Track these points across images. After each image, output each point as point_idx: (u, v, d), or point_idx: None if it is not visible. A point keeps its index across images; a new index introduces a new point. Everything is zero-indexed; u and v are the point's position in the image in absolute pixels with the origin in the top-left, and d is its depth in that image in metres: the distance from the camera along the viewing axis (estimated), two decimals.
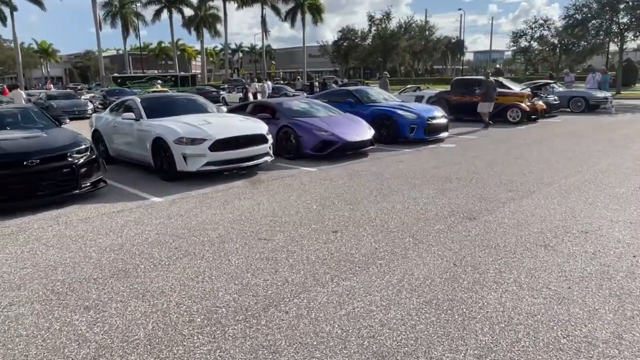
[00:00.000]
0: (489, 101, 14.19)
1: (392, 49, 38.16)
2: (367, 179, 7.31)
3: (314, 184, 7.11)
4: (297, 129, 9.10)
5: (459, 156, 9.20)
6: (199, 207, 5.91)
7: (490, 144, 10.83)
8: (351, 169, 8.20)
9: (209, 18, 64.56)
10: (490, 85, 14.33)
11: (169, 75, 48.96)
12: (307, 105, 10.48)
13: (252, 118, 8.49)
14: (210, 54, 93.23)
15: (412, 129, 10.77)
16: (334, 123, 9.43)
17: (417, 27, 46.05)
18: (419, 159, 8.99)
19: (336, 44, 47.19)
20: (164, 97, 9.23)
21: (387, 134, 11.04)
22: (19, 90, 22.90)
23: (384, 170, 8.02)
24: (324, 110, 10.33)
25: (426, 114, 11.08)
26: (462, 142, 11.13)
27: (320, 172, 7.95)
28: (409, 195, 6.24)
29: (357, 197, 6.22)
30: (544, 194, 6.20)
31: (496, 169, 7.82)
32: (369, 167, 8.33)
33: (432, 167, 8.13)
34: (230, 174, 7.75)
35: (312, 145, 8.93)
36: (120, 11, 58.72)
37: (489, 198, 6.02)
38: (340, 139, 8.96)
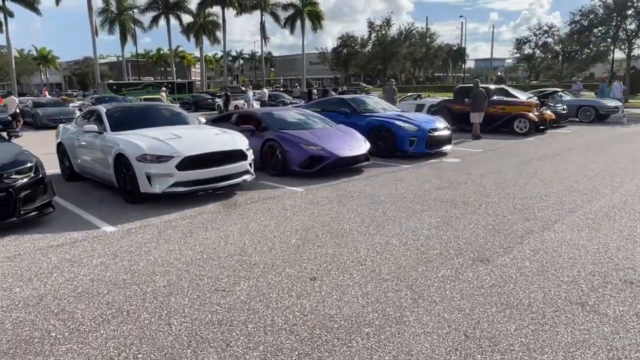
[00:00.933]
0: (479, 111, 13.43)
1: (392, 55, 37.32)
2: (359, 203, 6.33)
3: (298, 208, 6.13)
4: (283, 142, 8.14)
5: (465, 174, 8.22)
6: (155, 240, 4.93)
7: (499, 158, 9.85)
8: (343, 189, 7.22)
9: (209, 25, 63.97)
10: (479, 94, 13.52)
11: (165, 82, 48.16)
12: (296, 116, 9.52)
13: (231, 131, 7.53)
14: (209, 61, 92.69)
15: (412, 141, 9.81)
16: (325, 136, 8.47)
17: (417, 34, 45.28)
18: (419, 177, 8.01)
19: (335, 50, 46.44)
20: (133, 107, 8.30)
21: (385, 147, 10.08)
22: (13, 97, 22.11)
23: (379, 191, 7.04)
24: (315, 121, 9.37)
25: (427, 125, 10.11)
26: (467, 157, 10.16)
27: (306, 193, 6.98)
28: (407, 226, 5.25)
29: (345, 228, 5.23)
30: (568, 224, 5.21)
31: (508, 191, 6.83)
32: (363, 186, 7.36)
33: (435, 188, 7.15)
34: (205, 195, 6.78)
35: (300, 162, 7.96)
36: (119, 18, 58.16)
37: (503, 230, 5.03)
38: (331, 155, 8.00)
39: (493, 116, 14.45)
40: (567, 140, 12.78)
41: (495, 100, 14.67)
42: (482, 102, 13.53)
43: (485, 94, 13.71)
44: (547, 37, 35.13)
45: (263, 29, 59.26)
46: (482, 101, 13.55)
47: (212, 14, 62.20)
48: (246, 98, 26.24)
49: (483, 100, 13.57)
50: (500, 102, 14.58)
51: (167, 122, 7.75)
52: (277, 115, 9.24)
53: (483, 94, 13.69)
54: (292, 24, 55.60)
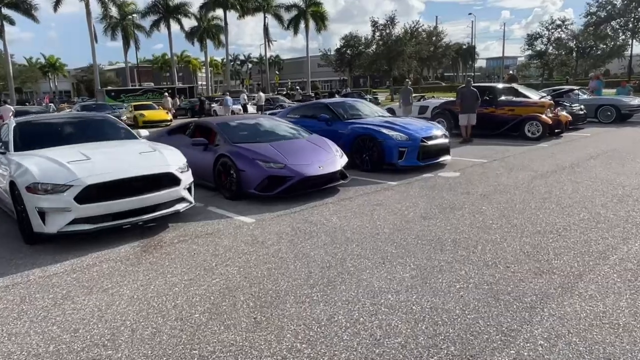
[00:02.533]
0: (467, 112, 12.32)
1: (397, 55, 35.67)
2: (316, 243, 4.81)
3: (233, 252, 4.64)
4: (237, 159, 6.65)
5: (462, 194, 6.64)
6: (9, 310, 3.48)
7: (506, 171, 8.24)
8: (304, 219, 5.71)
9: (213, 29, 63.10)
10: (469, 94, 12.37)
11: (166, 88, 47.13)
12: (260, 126, 8.03)
13: (166, 148, 6.07)
14: (216, 65, 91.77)
15: (402, 153, 8.25)
16: (290, 150, 6.96)
17: (424, 33, 43.55)
18: (404, 200, 6.46)
19: (339, 51, 44.88)
20: (52, 119, 6.88)
21: (370, 160, 8.54)
22: (7, 106, 21.16)
23: (349, 222, 5.51)
24: (284, 132, 7.88)
25: (420, 133, 8.54)
26: (468, 169, 8.56)
27: (255, 227, 5.47)
28: (369, 286, 3.72)
29: (281, 289, 3.72)
30: (599, 281, 3.63)
31: (515, 221, 5.25)
32: (330, 215, 5.83)
33: (421, 217, 5.59)
34: (128, 230, 5.31)
35: (257, 183, 6.47)
36: (121, 23, 57.48)
37: (503, 294, 3.48)
38: (295, 174, 6.49)
39: (501, 119, 12.83)
40: (587, 145, 11.09)
41: (503, 101, 13.03)
42: (472, 103, 12.31)
43: (477, 95, 12.37)
44: (560, 32, 33.16)
45: (266, 32, 58.10)
46: (471, 102, 12.30)
47: (216, 17, 61.29)
48: (224, 102, 24.72)
49: (473, 101, 12.32)
50: (509, 103, 12.93)
51: (92, 137, 6.31)
52: (234, 126, 7.75)
53: (474, 94, 12.36)
54: (295, 26, 54.26)
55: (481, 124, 13.00)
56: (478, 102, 12.30)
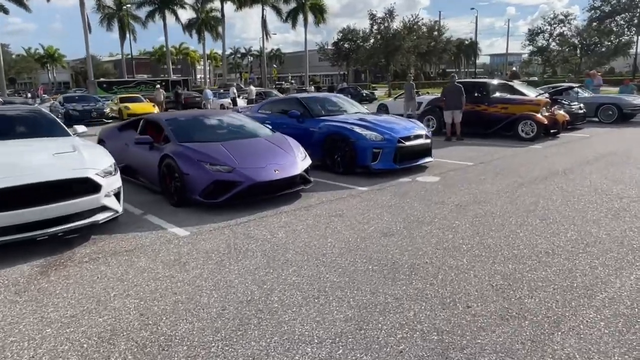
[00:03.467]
0: (451, 109, 11.76)
1: (395, 50, 34.70)
2: (247, 267, 4.02)
3: (145, 277, 3.84)
4: (180, 161, 5.84)
5: (436, 205, 5.83)
6: None
7: (491, 177, 7.42)
8: (246, 232, 4.91)
9: (211, 21, 62.17)
10: (453, 90, 11.80)
11: (159, 80, 46.24)
12: (214, 122, 7.22)
13: (93, 147, 5.28)
14: (215, 58, 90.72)
15: (376, 154, 7.43)
16: (243, 151, 6.15)
17: (425, 27, 42.54)
18: (368, 211, 5.65)
19: (336, 45, 43.84)
20: None
21: (342, 161, 7.73)
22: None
23: (297, 237, 4.71)
24: (240, 129, 7.08)
25: (398, 133, 7.71)
26: (449, 173, 7.75)
27: (185, 242, 4.68)
28: (287, 337, 2.92)
29: (174, 337, 2.93)
30: (581, 333, 2.83)
31: (489, 242, 4.44)
32: (277, 229, 5.03)
33: (380, 234, 4.79)
34: (40, 243, 4.52)
35: (202, 188, 5.66)
36: (117, 14, 56.56)
37: (459, 347, 2.68)
38: (246, 178, 5.68)
39: (493, 117, 12.00)
40: (584, 147, 10.25)
41: (496, 98, 12.18)
42: (457, 100, 11.64)
43: (462, 90, 11.68)
44: (563, 27, 32.14)
45: (264, 24, 56.92)
46: (456, 98, 11.64)
47: (215, 9, 60.32)
48: (203, 96, 24.04)
49: (458, 97, 11.65)
50: (502, 101, 12.08)
51: (12, 133, 5.52)
52: (184, 122, 6.94)
53: (458, 90, 11.71)
54: (294, 18, 53.21)
55: (472, 122, 12.19)
56: (463, 97, 11.53)
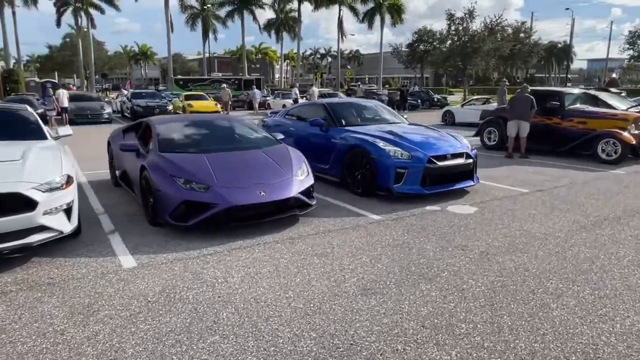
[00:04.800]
0: (516, 119, 10.08)
1: (473, 52, 32.27)
2: (157, 330, 3.08)
3: (29, 328, 3.05)
4: (154, 174, 5.08)
5: (455, 249, 4.53)
6: None
7: (544, 213, 5.90)
8: (197, 271, 3.99)
9: (289, 21, 62.89)
10: (522, 100, 10.08)
11: (233, 79, 47.33)
12: (208, 128, 6.39)
13: (52, 154, 4.65)
14: (292, 58, 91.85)
15: (400, 175, 6.20)
16: (229, 165, 5.26)
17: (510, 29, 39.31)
18: (364, 252, 4.50)
19: (411, 46, 41.90)
20: None
21: (362, 180, 6.59)
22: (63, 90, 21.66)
23: (249, 287, 3.71)
24: (237, 138, 6.22)
25: (429, 150, 6.40)
26: (492, 204, 6.31)
27: (121, 279, 3.84)
28: None
29: None
30: None
31: (504, 325, 3.13)
32: (237, 269, 4.06)
33: (360, 291, 3.64)
34: None
35: (172, 208, 4.84)
36: (201, 14, 58.89)
37: None
38: (221, 200, 4.77)
39: (568, 133, 10.14)
40: None
41: (573, 111, 10.29)
42: (524, 110, 9.95)
43: (532, 102, 9.92)
44: None
45: (340, 25, 56.31)
46: (523, 108, 9.96)
47: (294, 9, 60.83)
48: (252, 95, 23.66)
49: (526, 107, 9.95)
50: (580, 114, 10.16)
51: None
52: (174, 127, 6.17)
53: (528, 100, 9.97)
54: (370, 19, 51.98)
55: (542, 137, 10.43)
56: (532, 110, 9.84)
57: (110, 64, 70.50)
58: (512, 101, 10.18)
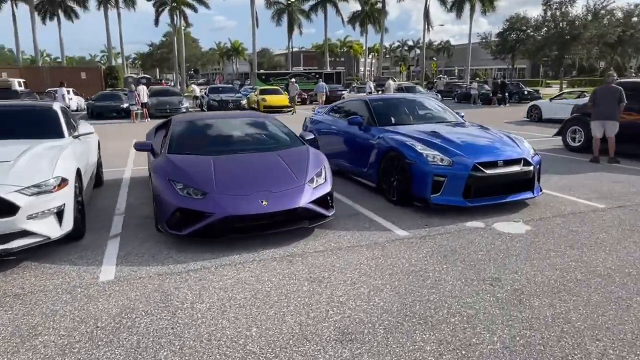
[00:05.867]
0: (600, 119, 8.49)
1: (572, 39, 28.87)
2: None
3: None
4: (155, 177, 4.78)
5: (481, 283, 3.66)
6: None
7: (614, 237, 4.72)
8: (168, 291, 3.57)
9: (374, 13, 61.81)
10: (606, 93, 8.42)
11: (313, 72, 47.41)
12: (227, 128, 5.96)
13: (51, 154, 4.51)
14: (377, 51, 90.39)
15: (438, 183, 5.33)
16: (233, 170, 4.82)
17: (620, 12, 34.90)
18: (364, 280, 3.79)
19: (501, 35, 38.72)
20: None
21: (399, 187, 5.81)
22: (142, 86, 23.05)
23: (213, 316, 3.20)
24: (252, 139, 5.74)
25: (476, 155, 5.43)
26: (553, 222, 5.20)
27: (85, 295, 3.53)
28: None
29: None
30: None
31: None
32: (211, 292, 3.57)
33: (338, 335, 2.97)
34: None
35: (167, 216, 4.49)
36: (287, 9, 59.85)
37: None
38: (219, 209, 4.31)
39: None
40: None
41: None
42: (610, 106, 8.32)
43: (620, 95, 8.25)
44: None
45: (427, 15, 54.04)
46: (609, 104, 8.33)
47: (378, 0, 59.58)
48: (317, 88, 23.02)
49: (612, 103, 8.30)
50: None
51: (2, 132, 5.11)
52: (189, 125, 5.83)
53: (614, 93, 8.30)
54: (459, 7, 49.26)
55: (637, 138, 8.74)
56: (621, 105, 8.20)
57: (203, 60, 74.34)
58: (595, 95, 8.59)
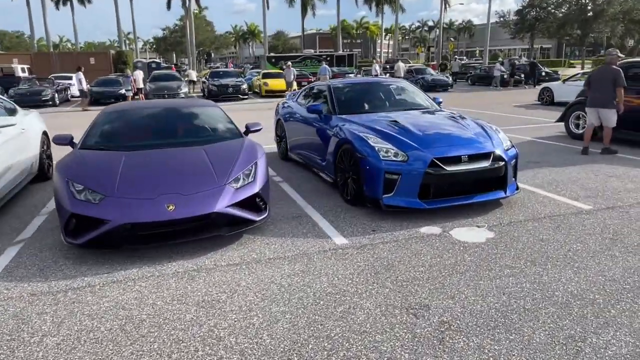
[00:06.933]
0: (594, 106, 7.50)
1: (595, 16, 27.07)
2: None
3: None
4: (56, 177, 4.20)
5: (394, 331, 2.98)
6: None
7: (599, 254, 3.96)
8: (25, 316, 3.01)
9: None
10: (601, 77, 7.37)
11: (325, 55, 46.30)
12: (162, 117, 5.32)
13: None
14: (392, 32, 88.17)
15: (391, 182, 4.61)
16: (141, 169, 4.21)
17: None
18: (262, 309, 3.15)
19: (520, 14, 36.76)
20: None
21: (353, 185, 5.11)
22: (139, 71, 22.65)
23: (55, 342, 2.62)
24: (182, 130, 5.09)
25: (436, 148, 4.68)
26: (519, 231, 4.45)
27: None
28: None
29: None
30: None
31: None
32: (72, 323, 2.99)
33: None
34: None
35: (64, 222, 3.92)
36: None
37: None
38: (115, 215, 3.71)
39: None
40: None
41: None
42: (605, 93, 7.29)
43: (617, 77, 7.18)
44: None
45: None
46: (604, 89, 7.28)
47: None
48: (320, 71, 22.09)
49: (608, 87, 7.25)
50: None
51: None
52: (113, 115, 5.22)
53: (609, 75, 7.24)
54: None
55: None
56: (618, 89, 7.16)
57: (217, 44, 73.51)
58: (590, 79, 7.63)
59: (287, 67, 22.54)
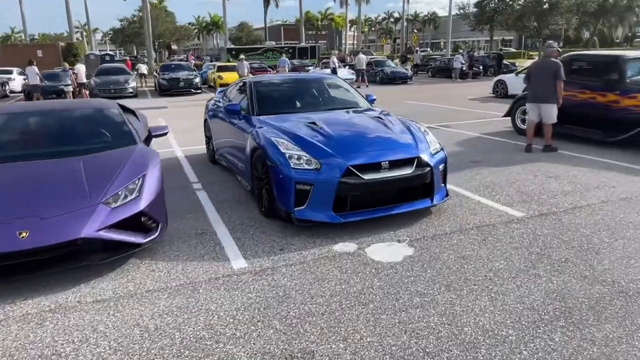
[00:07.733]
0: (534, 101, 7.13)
1: (550, 9, 27.40)
2: None
3: None
4: None
5: (278, 351, 2.49)
6: None
7: (523, 273, 3.57)
8: None
9: None
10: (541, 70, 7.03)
11: (287, 47, 45.52)
12: (56, 118, 4.67)
13: None
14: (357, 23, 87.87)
15: (302, 193, 4.09)
16: (9, 187, 3.54)
17: None
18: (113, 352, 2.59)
19: (480, 5, 36.95)
20: None
21: (267, 195, 4.57)
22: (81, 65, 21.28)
23: None
24: (76, 137, 4.43)
25: (352, 154, 4.19)
26: (443, 245, 4.03)
27: None
28: None
29: None
30: None
31: None
32: None
33: None
34: None
35: None
36: None
37: None
38: None
39: (629, 116, 7.23)
40: None
41: (638, 84, 7.31)
42: (545, 88, 6.92)
43: (557, 70, 6.81)
44: None
45: None
46: (543, 85, 6.94)
47: None
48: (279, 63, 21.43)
49: (548, 81, 6.88)
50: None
51: None
52: (5, 117, 4.54)
53: (552, 68, 6.86)
54: None
55: (588, 120, 7.60)
56: (558, 83, 6.86)
57: (177, 35, 71.30)
58: (530, 72, 7.33)
59: (240, 60, 21.55)
